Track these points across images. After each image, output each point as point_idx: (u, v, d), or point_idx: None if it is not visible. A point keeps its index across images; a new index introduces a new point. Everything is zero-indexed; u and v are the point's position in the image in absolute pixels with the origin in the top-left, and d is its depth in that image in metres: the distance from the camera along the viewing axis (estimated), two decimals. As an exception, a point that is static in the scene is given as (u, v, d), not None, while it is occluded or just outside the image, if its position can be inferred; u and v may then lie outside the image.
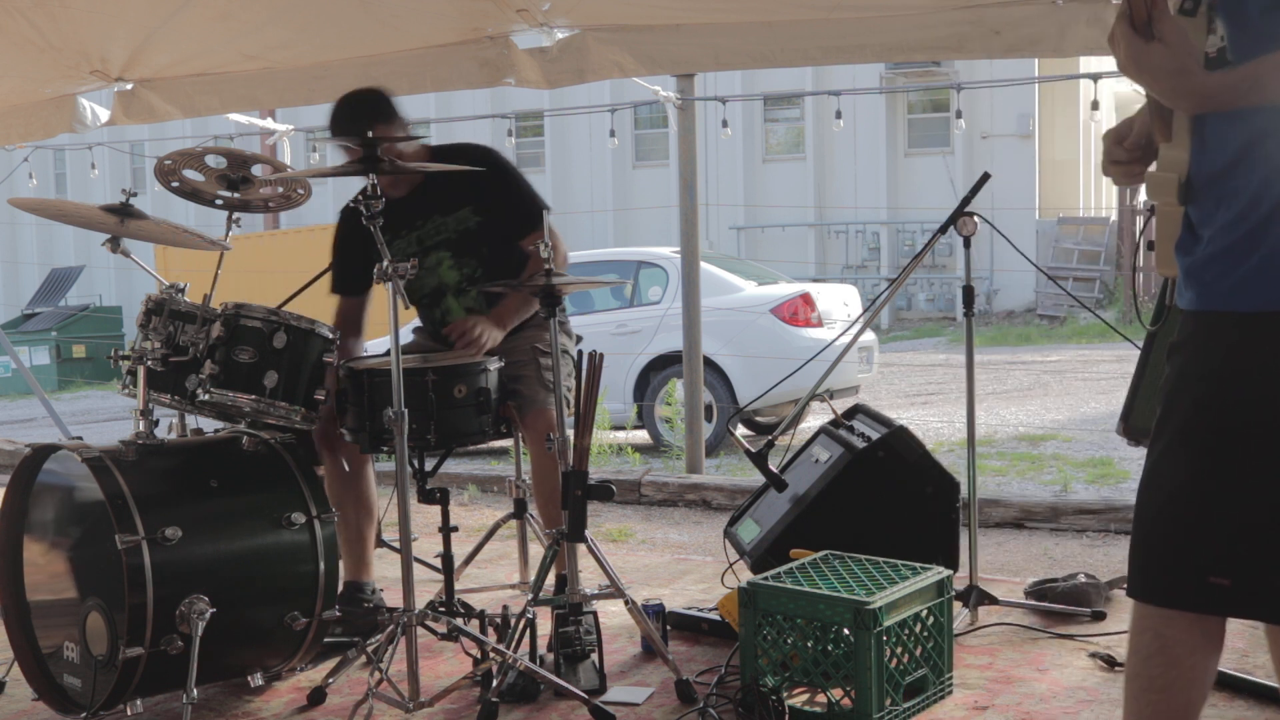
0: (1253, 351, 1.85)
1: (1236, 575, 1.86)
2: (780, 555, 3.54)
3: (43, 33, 4.70)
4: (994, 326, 18.70)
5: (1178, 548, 1.90)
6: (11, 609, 3.28)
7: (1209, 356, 1.89)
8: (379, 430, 3.28)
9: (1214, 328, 1.89)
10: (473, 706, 3.13)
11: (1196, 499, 1.88)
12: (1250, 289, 1.84)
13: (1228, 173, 1.88)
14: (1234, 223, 1.86)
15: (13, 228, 25.11)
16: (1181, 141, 1.92)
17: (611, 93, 17.52)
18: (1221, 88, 1.79)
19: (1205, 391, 1.89)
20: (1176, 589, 1.91)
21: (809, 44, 4.62)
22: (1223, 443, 1.86)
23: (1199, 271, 1.90)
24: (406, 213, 3.78)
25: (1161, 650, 1.92)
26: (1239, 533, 1.86)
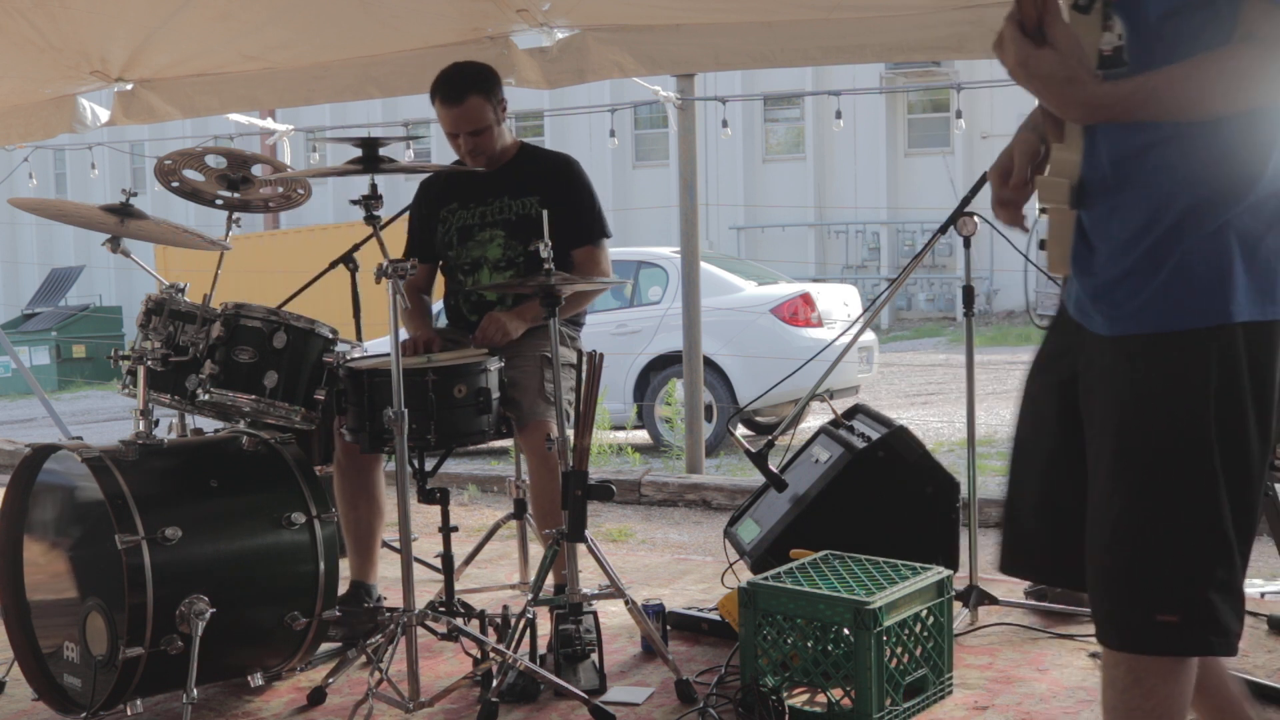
0: (1167, 373, 1.79)
1: (1183, 610, 1.80)
2: (780, 555, 3.53)
3: (43, 33, 4.70)
4: (994, 326, 18.70)
5: (1124, 589, 1.84)
6: (11, 609, 3.28)
7: (1128, 383, 1.82)
8: (379, 430, 3.28)
9: (1128, 353, 1.82)
10: (473, 706, 3.13)
11: (1135, 533, 1.81)
12: (1155, 311, 1.78)
13: (1123, 180, 1.82)
14: (1135, 238, 1.80)
15: (13, 228, 25.11)
16: (1074, 143, 1.85)
17: (611, 93, 17.52)
18: (1114, 99, 1.70)
19: (1133, 420, 1.82)
20: (1127, 631, 1.85)
21: (809, 44, 4.62)
22: (1155, 471, 1.80)
23: (1107, 294, 1.84)
24: (481, 188, 3.91)
25: (1136, 683, 1.86)
26: (1179, 564, 1.80)
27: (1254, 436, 1.80)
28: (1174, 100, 1.70)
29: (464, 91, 3.78)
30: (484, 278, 3.89)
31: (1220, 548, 1.79)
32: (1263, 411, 1.80)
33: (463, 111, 3.77)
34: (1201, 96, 1.69)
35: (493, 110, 3.83)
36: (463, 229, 3.91)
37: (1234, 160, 1.77)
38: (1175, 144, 1.77)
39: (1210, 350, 1.77)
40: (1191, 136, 1.76)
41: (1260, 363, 1.79)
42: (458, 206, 3.93)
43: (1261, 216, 1.78)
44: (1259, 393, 1.80)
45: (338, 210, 22.33)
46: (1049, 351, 2.04)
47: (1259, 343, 1.79)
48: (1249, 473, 1.81)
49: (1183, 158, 1.78)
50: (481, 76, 3.86)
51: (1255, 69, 1.68)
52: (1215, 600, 1.80)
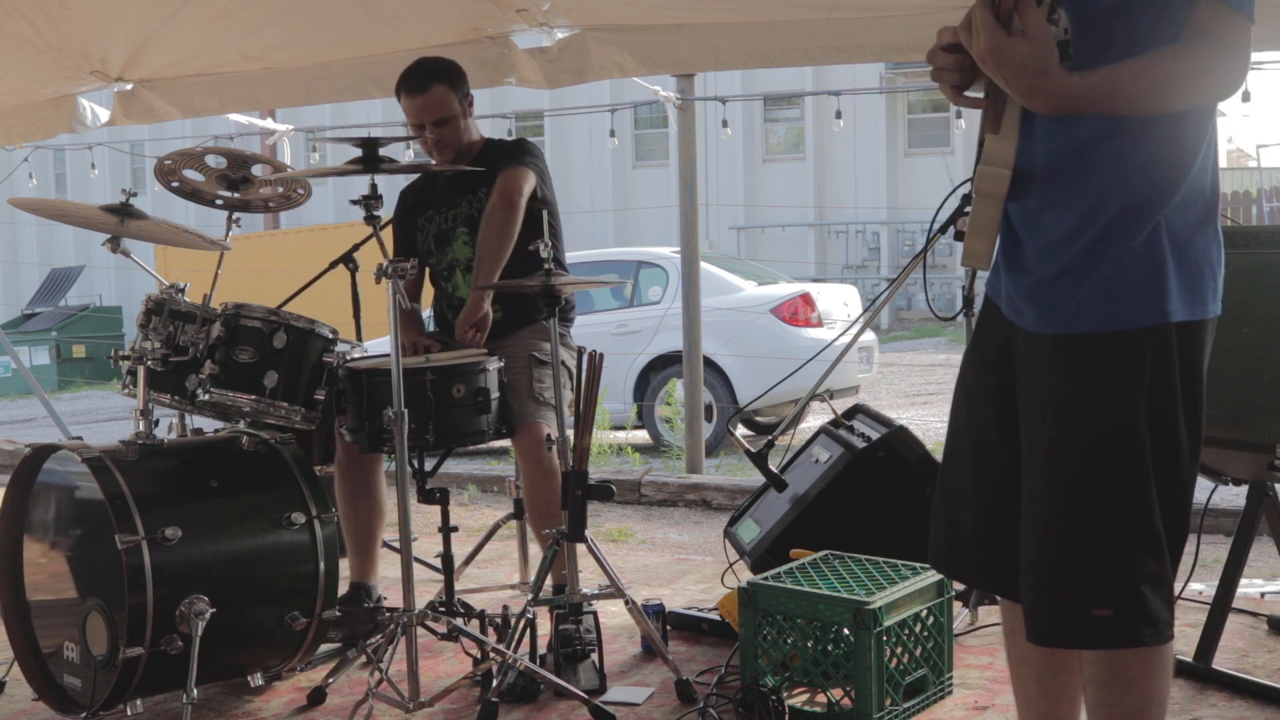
0: (1109, 371, 1.81)
1: (1117, 604, 1.81)
2: (780, 555, 3.54)
3: (43, 33, 4.70)
4: (994, 326, 18.66)
5: (1058, 585, 1.85)
6: (11, 609, 3.28)
7: (1065, 381, 1.84)
8: (379, 430, 3.28)
9: (1066, 351, 1.83)
10: (473, 706, 3.13)
11: (1069, 530, 1.83)
12: (1093, 311, 1.80)
13: (1058, 177, 1.82)
14: (1070, 236, 1.80)
15: (13, 228, 25.11)
16: (1010, 135, 1.84)
17: (611, 93, 17.52)
18: (1081, 90, 1.69)
19: (1069, 417, 1.83)
20: (1064, 628, 1.86)
21: (809, 44, 4.62)
22: (1090, 467, 1.82)
23: (1041, 293, 1.85)
24: (451, 192, 3.91)
25: (1115, 678, 1.87)
26: (1112, 558, 1.81)
27: (1184, 434, 1.83)
28: (1137, 93, 1.70)
29: (428, 81, 3.77)
30: (458, 279, 3.88)
31: (1150, 541, 1.81)
32: (1192, 409, 1.83)
33: (426, 101, 3.76)
34: (1163, 90, 1.70)
35: (457, 101, 3.81)
36: (439, 235, 3.91)
37: (1167, 159, 1.78)
38: (1112, 142, 1.78)
39: (1145, 349, 1.80)
40: (1128, 135, 1.78)
41: (1190, 362, 1.82)
42: (433, 213, 3.93)
43: (1189, 217, 1.80)
44: (1189, 391, 1.82)
45: (338, 210, 22.33)
46: (982, 348, 2.04)
47: (1189, 342, 1.81)
48: (1179, 468, 1.83)
49: (1120, 156, 1.79)
50: (446, 68, 3.85)
51: (1209, 66, 1.70)
52: (1146, 592, 1.81)
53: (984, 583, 2.17)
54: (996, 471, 1.99)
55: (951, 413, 2.11)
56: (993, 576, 2.05)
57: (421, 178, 4.02)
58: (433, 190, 3.95)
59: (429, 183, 3.98)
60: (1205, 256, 1.82)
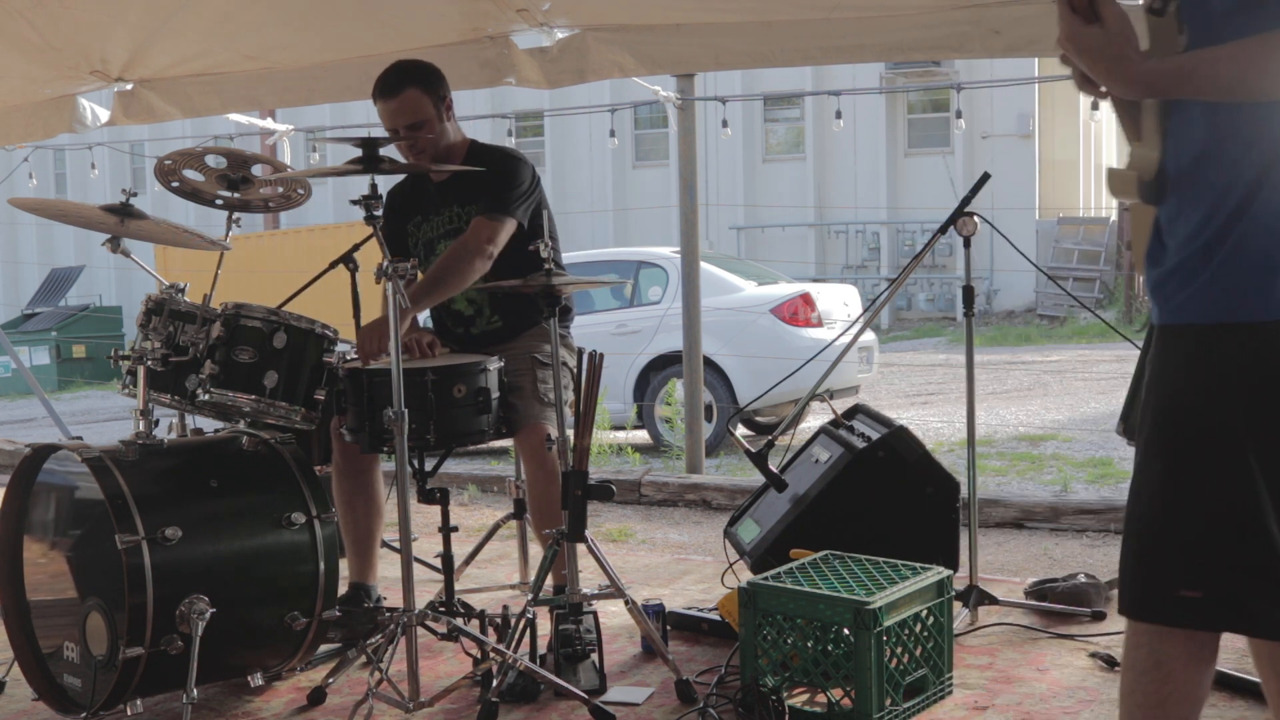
0: (1208, 364, 1.85)
1: (1206, 587, 1.85)
2: (780, 555, 3.54)
3: (42, 33, 4.70)
4: (994, 326, 18.70)
5: (1149, 561, 1.91)
6: (11, 609, 3.28)
7: (1168, 370, 1.90)
8: (379, 430, 3.28)
9: (1172, 341, 1.89)
10: (473, 706, 3.13)
11: (1163, 512, 1.89)
12: (1203, 301, 1.84)
13: (1188, 180, 1.86)
14: (1193, 235, 1.85)
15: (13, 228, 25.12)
16: (1151, 140, 1.90)
17: (611, 93, 17.52)
18: (1157, 74, 1.78)
19: (1167, 405, 1.89)
20: (1151, 603, 1.91)
21: (809, 44, 4.62)
22: (1184, 455, 1.87)
23: (1160, 285, 1.90)
24: (437, 199, 3.86)
25: (1156, 665, 1.91)
26: (1206, 544, 1.85)
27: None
28: (1220, 76, 1.75)
29: (401, 84, 3.68)
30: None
31: (1253, 534, 1.83)
32: None
33: (400, 104, 3.67)
34: (1242, 74, 1.74)
35: (433, 105, 3.72)
36: (427, 243, 3.88)
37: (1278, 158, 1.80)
38: (1234, 142, 1.82)
39: (1247, 345, 1.82)
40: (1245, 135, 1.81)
41: None
42: (421, 220, 3.88)
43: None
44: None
45: (338, 210, 22.33)
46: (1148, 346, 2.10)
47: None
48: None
49: (1240, 155, 1.82)
50: (421, 71, 3.77)
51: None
52: (1242, 582, 1.84)
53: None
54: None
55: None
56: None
57: (409, 179, 3.98)
58: (421, 195, 3.91)
59: (418, 185, 3.93)
60: None
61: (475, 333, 3.87)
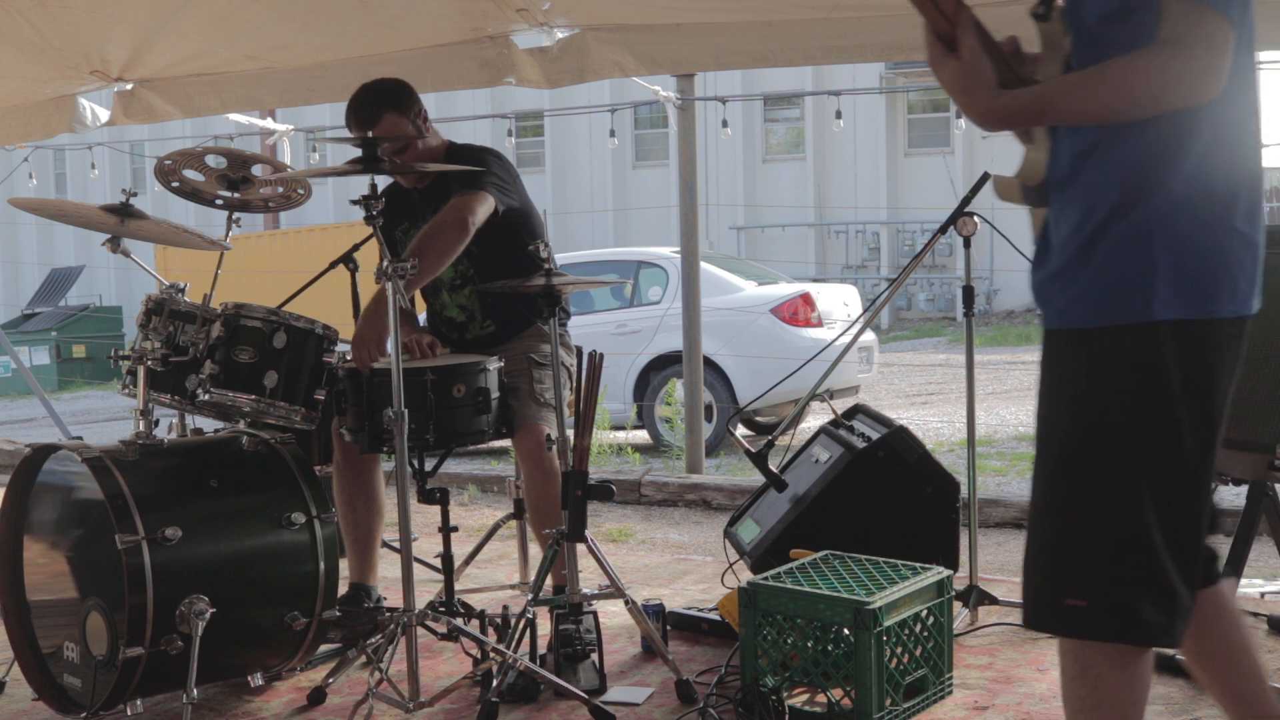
0: (1088, 368, 1.84)
1: (1091, 595, 1.84)
2: (780, 555, 3.54)
3: (43, 33, 4.70)
4: (994, 326, 18.70)
5: (1041, 572, 1.90)
6: (11, 609, 3.28)
7: (1050, 376, 1.90)
8: (378, 430, 3.28)
9: (1057, 346, 1.89)
10: (473, 706, 3.13)
11: (1051, 520, 1.88)
12: (1083, 305, 1.83)
13: (1068, 182, 1.86)
14: (1069, 238, 1.85)
15: (13, 228, 25.11)
16: (1040, 144, 1.90)
17: (611, 93, 17.52)
18: (1010, 110, 1.78)
19: (1045, 412, 1.89)
20: (1042, 613, 1.90)
21: (809, 44, 4.62)
22: (1071, 463, 1.86)
23: (1043, 290, 1.90)
24: (422, 205, 3.83)
25: (1083, 672, 1.89)
26: (1091, 552, 1.84)
27: (1185, 433, 1.81)
28: (1079, 105, 1.74)
29: (377, 112, 3.67)
30: (446, 299, 3.86)
31: (1137, 540, 1.82)
32: (1198, 409, 1.82)
33: (380, 132, 3.63)
34: (1113, 98, 1.72)
35: (411, 124, 3.71)
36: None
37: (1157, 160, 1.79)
38: (1107, 146, 1.81)
39: (1126, 347, 1.81)
40: (1122, 139, 1.80)
41: (1193, 361, 1.81)
42: (409, 226, 3.84)
43: (1196, 215, 1.80)
44: (1192, 391, 1.81)
45: (338, 210, 22.33)
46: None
47: (1191, 342, 1.80)
48: (1180, 468, 1.82)
49: (1108, 159, 1.81)
50: (392, 92, 3.74)
51: (1163, 69, 1.70)
52: (1129, 590, 1.82)
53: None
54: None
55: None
56: None
57: (397, 186, 3.92)
58: (407, 202, 3.87)
59: (404, 192, 3.89)
60: (1220, 255, 1.81)
61: (469, 338, 3.87)
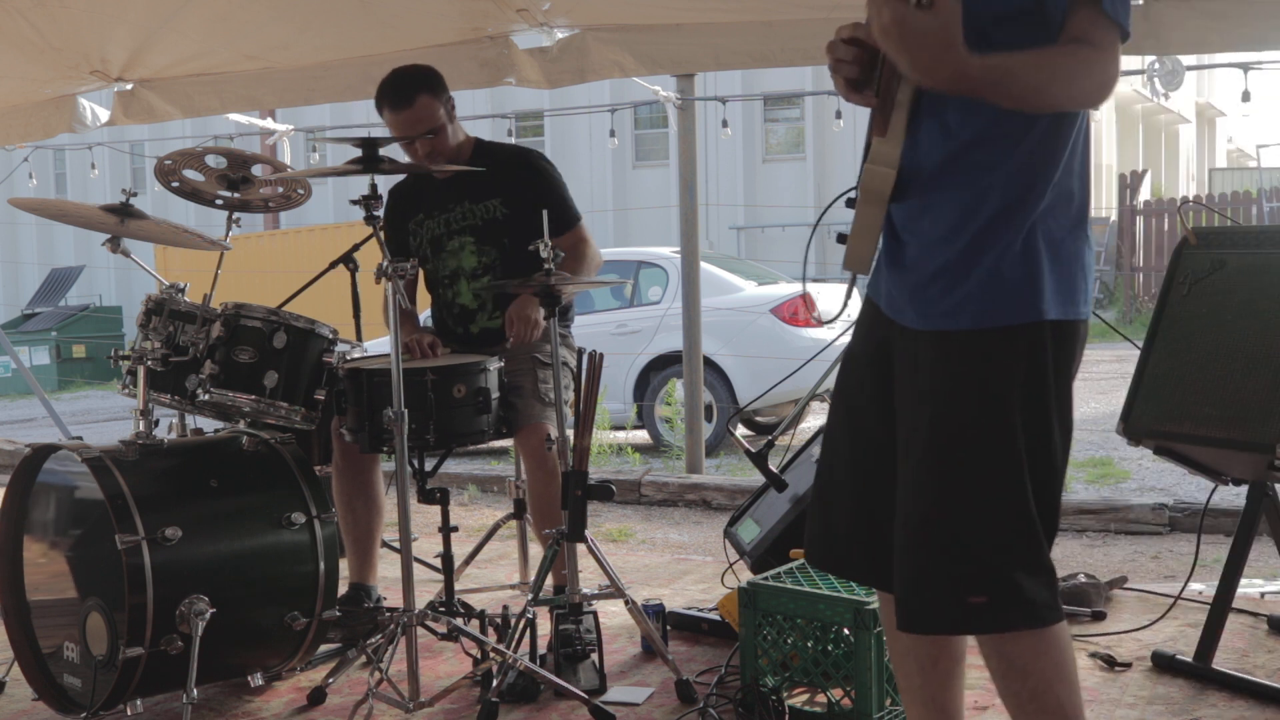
0: (980, 367, 1.86)
1: (991, 590, 1.87)
2: (780, 555, 3.53)
3: (43, 33, 4.70)
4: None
5: (933, 574, 1.90)
6: (11, 609, 3.28)
7: (940, 377, 1.90)
8: (379, 430, 3.28)
9: (941, 347, 1.89)
10: (473, 706, 3.13)
11: (942, 521, 1.89)
12: (970, 308, 1.85)
13: (936, 181, 1.86)
14: (948, 236, 1.85)
15: (13, 228, 25.09)
16: (896, 138, 1.88)
17: (611, 93, 17.51)
18: (980, 70, 1.72)
19: (938, 413, 1.89)
20: (941, 616, 1.92)
21: (809, 44, 4.62)
22: (962, 459, 1.88)
23: (920, 291, 1.90)
24: (443, 195, 3.86)
25: (1010, 667, 1.95)
26: (985, 547, 1.87)
27: (1056, 427, 1.89)
28: (1028, 83, 1.76)
29: (413, 93, 3.72)
30: (462, 287, 3.87)
31: (1025, 529, 1.87)
32: (1063, 404, 1.90)
33: (414, 114, 3.71)
34: (1049, 84, 1.75)
35: (443, 109, 3.77)
36: (433, 240, 3.88)
37: (1042, 162, 1.84)
38: (993, 145, 1.83)
39: (1020, 346, 1.86)
40: (1008, 138, 1.83)
41: (1062, 360, 1.89)
42: (424, 217, 3.89)
43: (1062, 220, 1.87)
44: (1060, 387, 1.89)
45: (338, 210, 22.31)
46: (863, 346, 2.09)
47: (1061, 341, 1.88)
48: (1052, 460, 1.90)
49: (999, 158, 1.84)
50: (426, 77, 3.79)
51: (1088, 68, 1.75)
52: (1021, 579, 1.87)
53: (861, 576, 2.20)
54: (875, 467, 2.04)
55: (830, 411, 2.18)
56: (870, 569, 2.10)
57: (410, 178, 3.99)
58: (423, 192, 3.91)
59: (419, 183, 3.93)
60: (1077, 259, 1.90)
61: (475, 330, 3.87)
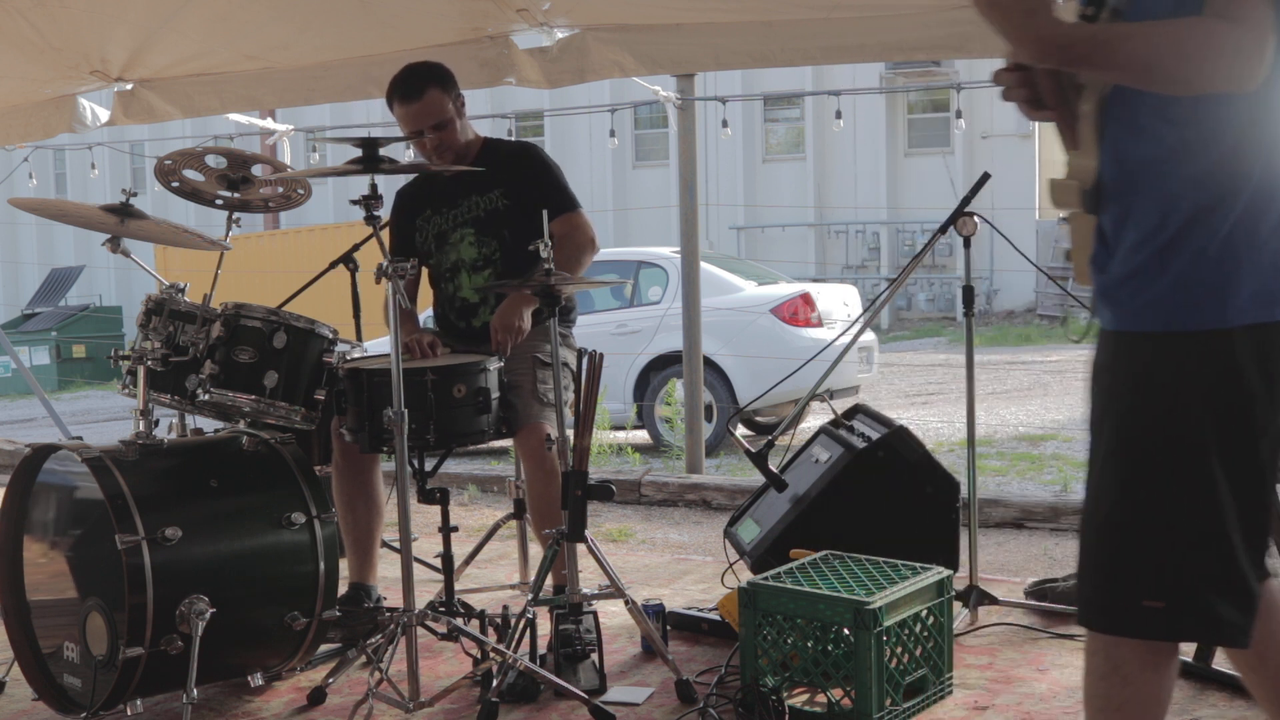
0: (1166, 371, 1.84)
1: (1169, 597, 1.85)
2: (780, 555, 3.53)
3: (43, 33, 4.70)
4: (994, 326, 18.70)
5: (1112, 573, 1.90)
6: (11, 609, 3.28)
7: (1126, 378, 1.89)
8: (379, 430, 3.28)
9: (1130, 348, 1.88)
10: (473, 706, 3.13)
11: (1125, 522, 1.88)
12: (1161, 309, 1.83)
13: (1134, 187, 1.86)
14: (1143, 242, 1.84)
15: (13, 228, 25.10)
16: (1089, 149, 1.89)
17: (611, 93, 17.50)
18: (1070, 39, 1.72)
19: (1124, 414, 1.88)
20: (1114, 614, 1.91)
21: (809, 44, 4.62)
22: (1147, 464, 1.86)
23: (1113, 291, 1.89)
24: (451, 191, 3.89)
25: (1114, 670, 1.91)
26: (1168, 554, 1.85)
27: (1260, 433, 1.84)
28: (1131, 54, 1.72)
29: (422, 86, 3.77)
30: (463, 280, 3.88)
31: (1215, 542, 1.83)
32: (1271, 408, 1.84)
33: (422, 106, 3.76)
34: (1161, 58, 1.71)
35: (452, 104, 3.82)
36: (438, 235, 3.91)
37: (1235, 163, 1.80)
38: (1182, 148, 1.81)
39: (1208, 351, 1.82)
40: (1197, 141, 1.80)
41: (1265, 362, 1.83)
42: (431, 213, 3.92)
43: (1267, 219, 1.82)
44: (1265, 390, 1.83)
45: (338, 210, 22.31)
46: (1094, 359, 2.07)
47: (1262, 344, 1.83)
48: (1255, 467, 1.85)
49: (1189, 162, 1.81)
50: (436, 71, 3.84)
51: (1220, 42, 1.68)
52: (1205, 591, 1.84)
53: None
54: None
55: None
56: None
57: (419, 177, 4.02)
58: (431, 190, 3.94)
59: (427, 182, 3.97)
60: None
61: (477, 325, 3.87)
